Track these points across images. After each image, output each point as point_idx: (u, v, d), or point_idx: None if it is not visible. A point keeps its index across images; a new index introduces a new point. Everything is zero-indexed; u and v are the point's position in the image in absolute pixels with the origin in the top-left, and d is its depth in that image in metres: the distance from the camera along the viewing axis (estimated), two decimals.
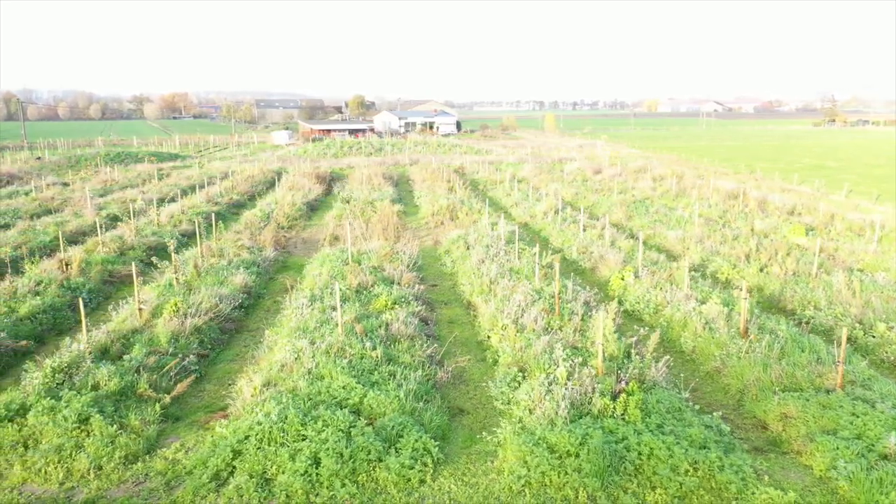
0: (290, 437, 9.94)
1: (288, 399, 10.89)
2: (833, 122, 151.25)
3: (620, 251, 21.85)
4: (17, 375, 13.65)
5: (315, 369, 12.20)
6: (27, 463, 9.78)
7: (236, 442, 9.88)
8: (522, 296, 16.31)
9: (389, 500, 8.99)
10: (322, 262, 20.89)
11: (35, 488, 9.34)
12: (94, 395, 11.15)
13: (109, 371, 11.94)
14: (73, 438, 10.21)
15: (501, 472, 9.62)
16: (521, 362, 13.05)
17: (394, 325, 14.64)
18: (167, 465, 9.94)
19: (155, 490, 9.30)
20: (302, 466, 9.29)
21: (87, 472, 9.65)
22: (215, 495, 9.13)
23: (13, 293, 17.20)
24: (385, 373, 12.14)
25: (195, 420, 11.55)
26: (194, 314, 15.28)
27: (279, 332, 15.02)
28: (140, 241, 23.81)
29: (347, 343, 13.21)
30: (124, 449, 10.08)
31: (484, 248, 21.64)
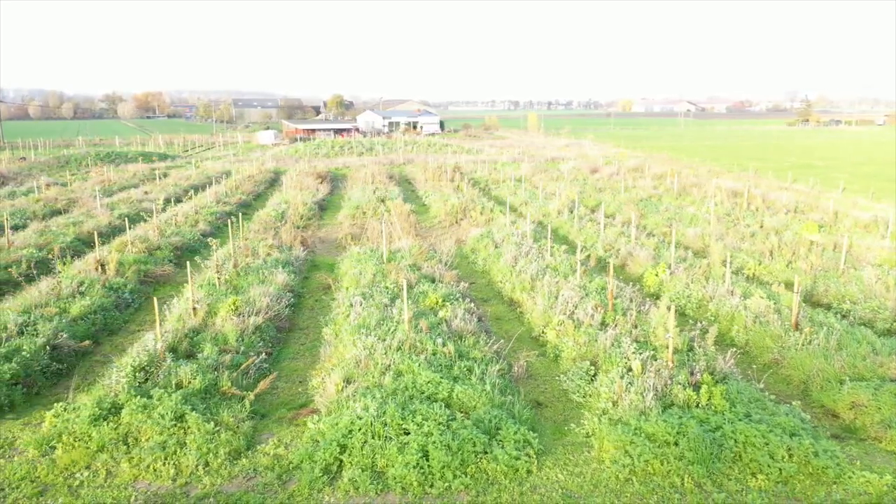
0: (393, 430, 10.15)
1: (381, 394, 11.08)
2: (807, 121, 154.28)
3: (646, 248, 22.27)
4: (83, 375, 13.71)
5: (393, 365, 12.39)
6: (133, 460, 9.87)
7: (341, 437, 10.05)
8: (569, 292, 16.63)
9: (502, 490, 9.25)
10: (357, 260, 21.02)
11: (147, 485, 9.44)
12: (182, 394, 11.24)
13: (192, 369, 12.03)
14: (174, 435, 10.32)
15: (602, 462, 9.92)
16: (589, 356, 13.37)
17: (454, 321, 14.87)
18: (271, 460, 10.08)
19: (269, 485, 9.45)
20: (413, 459, 9.50)
21: (195, 468, 9.77)
22: (330, 489, 9.31)
23: (59, 294, 17.10)
24: (463, 368, 12.37)
25: (281, 417, 11.69)
26: (251, 313, 15.37)
27: (338, 330, 15.15)
28: (165, 241, 23.71)
29: (418, 340, 13.41)
30: (227, 445, 10.21)
31: (514, 246, 21.92)
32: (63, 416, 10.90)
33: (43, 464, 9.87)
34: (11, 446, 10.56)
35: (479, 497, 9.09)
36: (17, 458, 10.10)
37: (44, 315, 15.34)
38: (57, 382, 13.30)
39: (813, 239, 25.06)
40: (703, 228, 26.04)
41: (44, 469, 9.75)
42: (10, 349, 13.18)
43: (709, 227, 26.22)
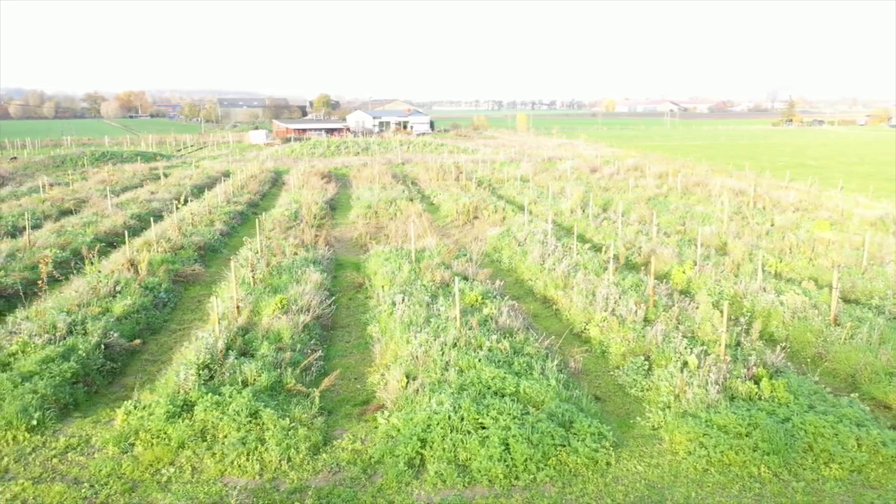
0: (470, 425, 10.33)
1: (451, 390, 11.25)
2: (790, 122, 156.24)
3: (668, 246, 22.59)
4: (135, 373, 13.75)
5: (453, 362, 12.56)
6: (216, 456, 9.97)
7: (420, 431, 10.22)
8: (606, 289, 16.88)
9: (586, 482, 9.47)
10: (385, 259, 21.14)
11: (236, 480, 9.54)
12: (251, 391, 11.34)
13: (257, 367, 12.13)
14: (251, 432, 10.43)
15: (676, 454, 10.17)
16: (639, 352, 13.63)
17: (499, 318, 15.07)
18: (351, 454, 10.23)
19: (356, 479, 9.59)
20: (496, 452, 9.69)
21: (278, 463, 9.89)
22: (417, 482, 9.47)
23: (97, 293, 17.08)
24: (522, 364, 12.56)
25: (348, 413, 11.82)
26: (298, 311, 15.47)
27: (384, 328, 15.29)
28: (186, 240, 23.68)
29: (472, 336, 13.60)
30: (305, 441, 10.33)
31: (539, 245, 22.15)
32: (135, 413, 10.97)
33: (126, 460, 9.94)
34: (88, 443, 10.61)
35: (566, 489, 9.30)
36: (98, 455, 10.16)
37: (88, 314, 15.32)
38: (112, 381, 13.34)
39: (825, 236, 25.54)
40: (717, 226, 26.43)
41: (128, 466, 9.82)
42: (66, 348, 13.20)
43: (723, 226, 26.62)
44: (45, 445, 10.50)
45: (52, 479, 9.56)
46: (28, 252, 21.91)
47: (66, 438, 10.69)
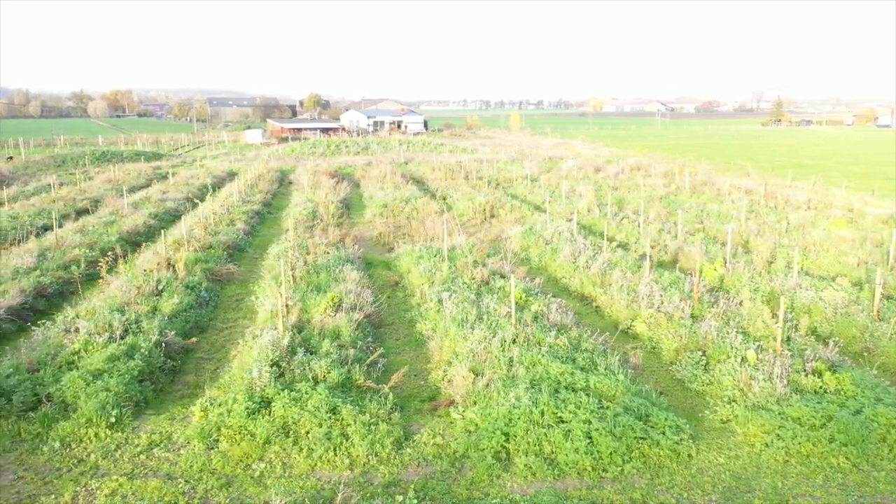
0: (550, 419, 10.52)
1: (525, 385, 11.43)
2: (779, 121, 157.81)
3: (694, 244, 22.89)
4: (193, 371, 13.83)
5: (516, 358, 12.74)
6: (303, 451, 10.10)
7: (503, 426, 10.40)
8: (647, 287, 17.13)
9: (673, 474, 9.69)
10: (418, 257, 21.29)
11: (329, 474, 9.68)
12: (326, 387, 11.47)
13: (326, 364, 12.25)
14: (334, 427, 10.55)
15: (753, 446, 10.41)
16: (692, 347, 13.86)
17: (549, 315, 15.27)
18: (435, 449, 10.39)
19: (446, 472, 9.75)
20: (581, 445, 9.89)
21: (366, 457, 10.03)
22: (508, 475, 9.65)
23: (142, 292, 17.10)
24: (586, 359, 12.77)
25: (419, 408, 11.98)
26: (349, 309, 15.59)
27: (435, 326, 15.44)
28: (214, 239, 23.70)
29: (531, 333, 13.78)
30: (389, 436, 10.47)
31: (568, 243, 22.37)
32: (213, 410, 11.05)
33: (215, 456, 10.05)
34: (170, 440, 10.70)
35: (654, 480, 9.52)
36: (185, 451, 10.25)
37: (139, 313, 15.37)
38: (174, 378, 13.42)
39: (843, 234, 25.95)
40: (736, 225, 26.77)
41: (218, 461, 9.93)
42: (129, 346, 13.26)
43: (741, 224, 26.97)
44: (127, 442, 10.58)
45: (145, 474, 9.64)
46: (58, 252, 21.84)
47: (148, 435, 10.77)
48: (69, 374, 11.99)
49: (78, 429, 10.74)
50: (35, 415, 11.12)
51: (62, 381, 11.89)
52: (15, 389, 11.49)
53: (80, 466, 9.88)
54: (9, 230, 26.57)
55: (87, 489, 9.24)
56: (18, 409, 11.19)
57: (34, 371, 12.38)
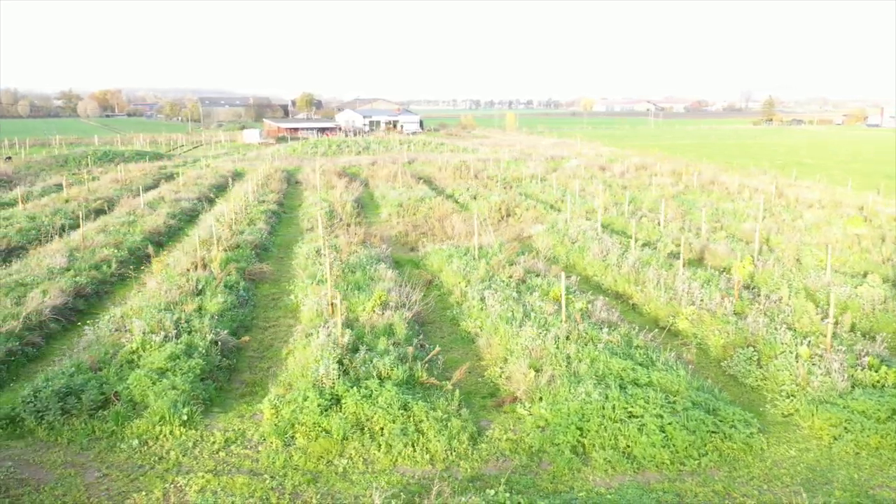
0: (620, 413, 10.68)
1: (591, 381, 11.59)
2: (770, 121, 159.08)
3: (719, 242, 23.13)
4: (250, 370, 13.90)
5: (573, 354, 12.89)
6: (382, 447, 10.21)
7: (578, 420, 10.56)
8: (684, 284, 17.34)
9: (750, 467, 9.88)
10: (448, 256, 21.41)
11: (412, 469, 9.80)
12: (393, 384, 11.58)
13: (390, 361, 12.36)
14: (408, 423, 10.66)
15: (821, 438, 10.62)
16: (744, 343, 14.06)
17: (595, 312, 15.44)
18: (510, 444, 10.53)
19: (527, 467, 9.90)
20: (657, 439, 10.07)
21: (444, 453, 10.15)
22: (588, 468, 9.81)
23: (184, 292, 17.13)
24: (642, 355, 12.94)
25: (482, 404, 12.13)
26: (397, 307, 15.70)
27: (482, 323, 15.57)
28: (241, 238, 23.72)
29: (584, 329, 13.94)
30: (463, 431, 10.60)
31: (595, 241, 22.55)
32: (284, 408, 11.13)
33: (295, 453, 10.14)
34: (244, 437, 10.79)
35: (733, 473, 9.70)
36: (263, 448, 10.34)
37: (186, 313, 15.41)
38: (230, 377, 13.48)
39: (859, 232, 26.29)
40: (755, 223, 27.07)
41: (299, 457, 10.03)
42: (187, 345, 13.31)
43: (759, 222, 27.26)
44: (203, 440, 10.65)
45: (229, 471, 9.73)
46: (87, 252, 21.80)
47: (222, 433, 10.84)
48: (135, 373, 12.05)
49: (152, 427, 10.81)
50: (107, 413, 11.17)
51: (128, 379, 11.95)
52: (83, 388, 11.53)
53: (162, 464, 9.94)
54: (30, 230, 26.50)
55: (176, 486, 9.32)
56: (89, 408, 11.23)
57: (97, 370, 12.42)
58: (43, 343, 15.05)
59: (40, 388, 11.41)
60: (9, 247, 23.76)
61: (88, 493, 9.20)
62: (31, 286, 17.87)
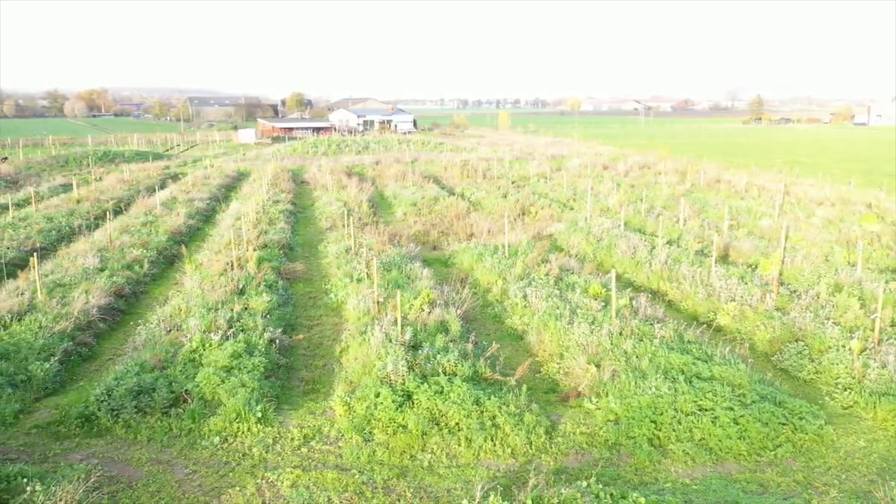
0: (691, 407, 10.90)
1: (659, 375, 11.80)
2: (760, 120, 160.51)
3: (742, 240, 23.43)
4: (305, 368, 14.01)
5: (630, 350, 13.11)
6: (462, 442, 10.37)
7: (651, 414, 10.77)
8: (723, 280, 17.61)
9: (824, 457, 10.13)
10: (479, 254, 21.60)
11: (496, 463, 9.97)
12: (461, 380, 11.73)
13: (454, 358, 12.51)
14: (482, 419, 10.82)
15: (887, 430, 10.89)
16: (791, 338, 14.33)
17: (641, 309, 15.67)
18: (586, 437, 10.73)
19: (608, 459, 10.10)
20: (732, 431, 10.30)
21: (524, 446, 10.33)
22: (669, 460, 10.03)
23: (227, 291, 17.19)
24: (698, 349, 13.17)
25: (547, 399, 12.31)
26: (442, 305, 15.86)
27: (527, 321, 15.76)
28: (268, 238, 23.77)
29: (635, 326, 14.16)
30: (539, 425, 10.78)
31: (622, 239, 22.79)
32: (356, 405, 11.26)
33: (378, 448, 10.28)
34: (321, 433, 10.90)
35: (810, 463, 9.95)
36: (344, 445, 10.47)
37: (236, 312, 15.48)
38: (289, 375, 13.57)
39: (874, 229, 26.72)
40: (770, 220, 27.44)
41: (383, 453, 10.16)
42: (247, 344, 13.40)
43: (775, 220, 27.63)
44: (282, 436, 10.76)
45: (316, 466, 9.85)
46: (116, 252, 21.78)
47: (299, 429, 10.96)
48: (202, 371, 12.14)
49: (229, 424, 10.90)
50: (181, 411, 11.25)
51: (196, 378, 12.02)
52: (153, 387, 11.60)
53: (246, 460, 10.05)
54: (50, 230, 26.43)
55: (267, 481, 9.42)
56: (162, 406, 11.30)
57: (162, 368, 12.49)
58: (94, 342, 15.08)
59: (112, 387, 11.47)
60: (33, 247, 23.67)
61: (182, 489, 9.29)
62: (70, 286, 17.88)
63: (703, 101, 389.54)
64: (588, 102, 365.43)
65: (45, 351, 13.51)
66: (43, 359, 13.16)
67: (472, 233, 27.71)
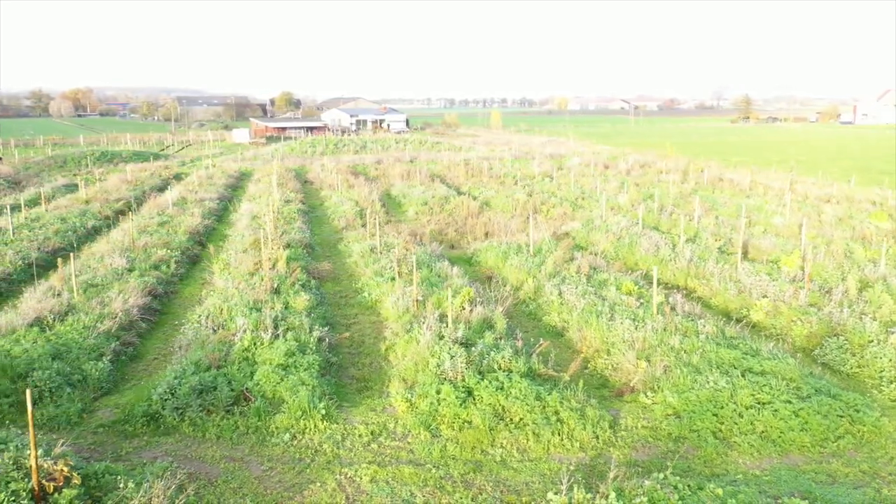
0: (749, 400, 11.13)
1: (714, 369, 12.01)
2: (748, 119, 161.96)
3: (760, 237, 23.76)
4: (354, 366, 14.14)
5: (678, 345, 13.32)
6: (530, 436, 10.53)
7: (713, 407, 10.99)
8: (753, 277, 17.88)
9: (885, 448, 10.39)
10: (504, 253, 21.77)
11: (566, 456, 10.16)
12: (519, 375, 11.89)
13: (508, 355, 12.66)
14: (545, 413, 10.99)
15: None
16: (829, 332, 14.61)
17: (677, 306, 15.90)
18: (648, 431, 10.93)
19: (674, 451, 10.29)
20: (794, 423, 10.54)
21: (591, 440, 10.52)
22: (735, 452, 10.26)
23: (266, 290, 17.24)
24: (745, 345, 13.41)
25: (601, 394, 12.49)
26: (483, 302, 16.01)
27: (566, 317, 15.95)
28: (290, 238, 23.82)
29: (680, 322, 14.38)
30: (601, 419, 10.97)
31: (644, 238, 23.04)
32: (419, 402, 11.40)
33: (448, 444, 10.41)
34: (386, 429, 11.03)
35: (873, 454, 10.21)
36: (413, 440, 10.60)
37: (276, 311, 15.54)
38: (340, 371, 13.67)
39: (884, 226, 27.17)
40: (784, 218, 27.82)
41: (454, 448, 10.31)
42: (298, 342, 13.48)
43: (786, 217, 28.02)
44: (349, 433, 10.87)
45: (390, 462, 9.97)
46: (142, 252, 21.73)
47: (365, 426, 11.07)
48: (260, 370, 12.21)
49: (295, 421, 11.00)
50: (245, 408, 11.33)
51: (255, 376, 12.10)
52: (214, 385, 11.67)
53: (319, 456, 10.15)
54: (66, 231, 26.32)
55: (346, 477, 9.54)
56: (224, 404, 11.38)
57: (218, 367, 12.55)
58: (138, 342, 15.10)
59: (175, 386, 11.53)
60: (53, 248, 23.59)
61: (262, 485, 9.38)
62: (103, 287, 17.86)
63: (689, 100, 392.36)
64: (575, 102, 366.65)
65: (94, 351, 13.53)
66: (94, 358, 13.19)
67: (488, 231, 27.92)
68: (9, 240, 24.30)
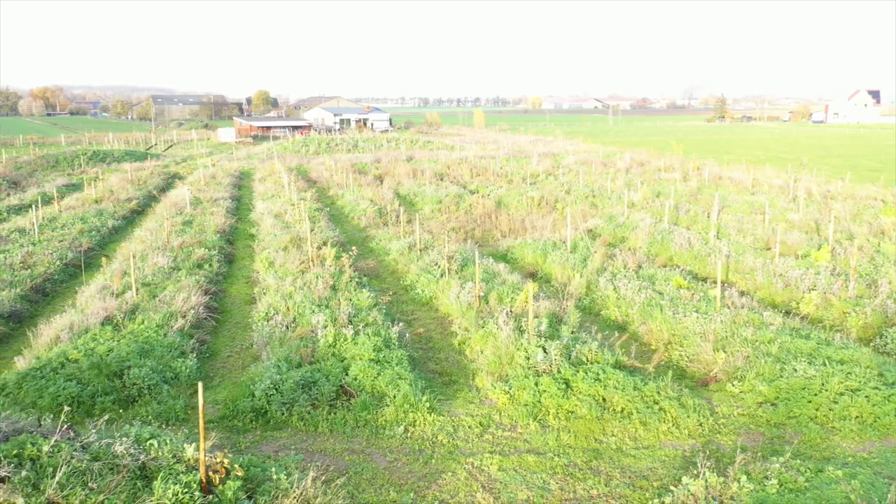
0: (839, 387, 11.57)
1: (798, 359, 12.45)
2: (723, 118, 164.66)
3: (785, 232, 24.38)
4: (428, 360, 14.32)
5: (751, 336, 13.75)
6: (638, 425, 10.86)
7: (807, 394, 11.41)
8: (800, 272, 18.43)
9: None
10: (542, 250, 22.09)
11: (678, 443, 10.49)
12: (613, 367, 12.22)
13: (594, 347, 12.98)
14: (645, 402, 11.32)
15: None
16: (887, 323, 15.15)
17: (733, 298, 16.35)
18: (746, 419, 11.32)
19: (779, 437, 10.68)
20: (889, 409, 10.98)
21: (695, 428, 10.87)
22: (837, 437, 10.67)
23: (327, 287, 17.35)
24: (816, 335, 13.88)
25: (686, 384, 12.84)
26: (547, 297, 16.31)
27: (626, 311, 16.32)
28: (321, 236, 23.90)
29: (746, 314, 14.82)
30: (703, 408, 11.34)
31: (675, 234, 23.53)
32: (518, 394, 11.67)
33: (563, 434, 10.68)
34: (492, 420, 11.25)
35: None
36: (524, 431, 10.85)
37: (336, 309, 15.68)
38: (418, 366, 13.85)
39: (893, 221, 28.00)
40: (799, 214, 28.54)
41: (568, 438, 10.59)
42: (379, 338, 13.64)
43: (800, 213, 28.74)
44: (458, 425, 11.09)
45: (511, 451, 10.22)
46: (180, 251, 21.66)
47: (471, 417, 11.31)
48: (356, 365, 12.36)
49: (403, 414, 11.20)
50: (348, 402, 11.49)
51: (350, 371, 12.25)
52: (314, 380, 11.80)
53: (439, 448, 10.37)
54: (90, 231, 26.11)
55: (473, 466, 9.77)
56: (328, 399, 11.53)
57: (310, 363, 12.68)
58: (210, 339, 15.14)
59: (278, 382, 11.64)
60: (86, 248, 23.40)
61: (395, 476, 9.57)
62: (154, 286, 17.81)
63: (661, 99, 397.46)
64: (548, 101, 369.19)
65: (176, 348, 13.57)
66: (178, 356, 13.24)
67: (511, 229, 28.26)
68: (35, 240, 24.05)
